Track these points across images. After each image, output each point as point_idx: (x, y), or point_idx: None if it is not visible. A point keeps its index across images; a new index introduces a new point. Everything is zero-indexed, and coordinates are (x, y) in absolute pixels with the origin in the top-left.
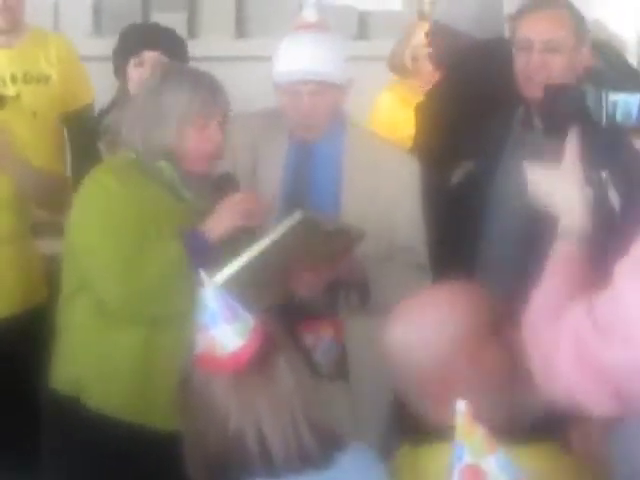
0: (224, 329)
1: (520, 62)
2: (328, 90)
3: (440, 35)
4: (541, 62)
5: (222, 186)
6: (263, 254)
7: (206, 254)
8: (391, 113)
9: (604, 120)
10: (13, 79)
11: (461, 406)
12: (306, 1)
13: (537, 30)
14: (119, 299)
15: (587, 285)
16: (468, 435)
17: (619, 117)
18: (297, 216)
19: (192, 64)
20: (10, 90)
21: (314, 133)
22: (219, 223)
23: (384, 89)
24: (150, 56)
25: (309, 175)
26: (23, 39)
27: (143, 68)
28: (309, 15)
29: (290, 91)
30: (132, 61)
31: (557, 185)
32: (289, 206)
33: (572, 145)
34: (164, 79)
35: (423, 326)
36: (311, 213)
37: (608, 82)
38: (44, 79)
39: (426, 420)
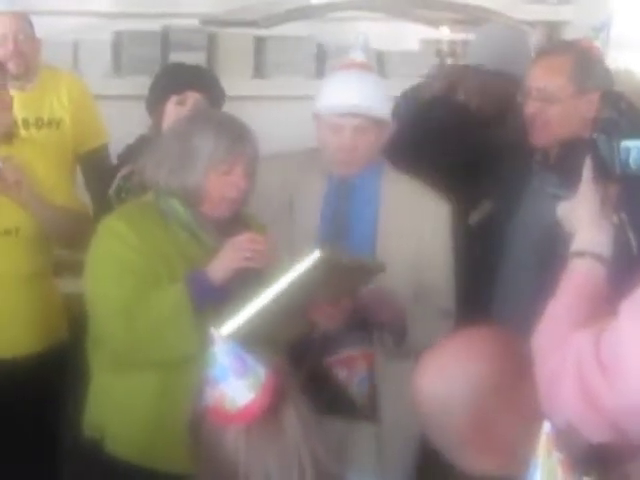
0: (234, 384)
1: (524, 109)
2: (371, 126)
3: (474, 77)
4: (537, 110)
5: (234, 227)
6: (282, 295)
7: (210, 296)
8: None
9: (617, 168)
10: (25, 124)
11: (547, 427)
12: (355, 42)
13: (534, 78)
14: (123, 345)
15: (598, 312)
16: (546, 457)
17: (633, 164)
18: (316, 255)
19: None
20: (22, 134)
21: (353, 169)
22: (222, 264)
23: None
24: (193, 96)
25: (347, 212)
26: (35, 82)
27: (183, 107)
28: (358, 55)
29: (333, 125)
30: (173, 99)
31: (573, 208)
32: (327, 243)
33: (587, 172)
34: (193, 122)
35: (451, 376)
36: (330, 250)
37: (620, 130)
38: (56, 123)
39: (465, 471)
